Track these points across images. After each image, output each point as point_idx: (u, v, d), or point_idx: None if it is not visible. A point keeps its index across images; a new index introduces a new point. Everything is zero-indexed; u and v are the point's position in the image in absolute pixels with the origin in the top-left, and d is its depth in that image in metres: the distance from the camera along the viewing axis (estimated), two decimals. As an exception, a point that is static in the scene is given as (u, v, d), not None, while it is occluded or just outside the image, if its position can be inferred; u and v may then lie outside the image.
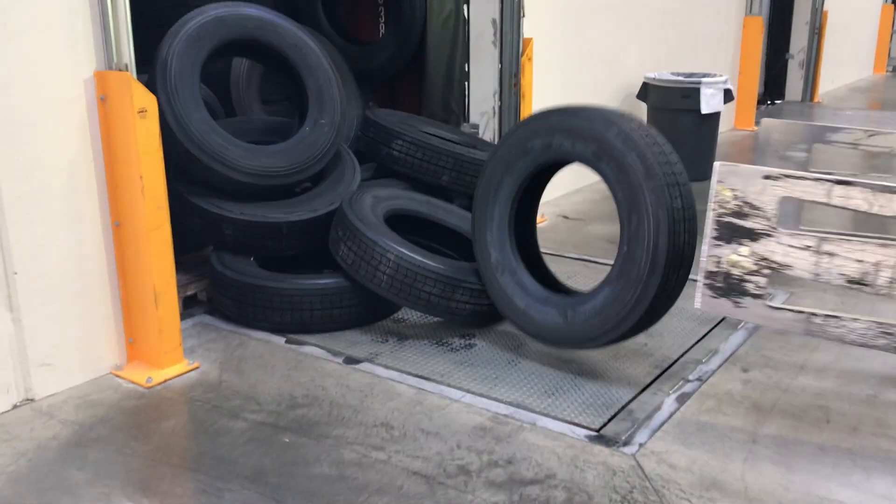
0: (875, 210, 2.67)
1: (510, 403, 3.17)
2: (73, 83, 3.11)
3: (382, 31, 5.81)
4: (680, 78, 6.65)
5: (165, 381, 3.34)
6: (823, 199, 2.74)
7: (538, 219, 5.55)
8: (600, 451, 2.85)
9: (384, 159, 4.62)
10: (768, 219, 2.79)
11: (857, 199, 2.68)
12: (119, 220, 3.31)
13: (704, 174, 6.74)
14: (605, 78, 6.60)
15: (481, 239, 3.62)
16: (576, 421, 3.04)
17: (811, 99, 11.21)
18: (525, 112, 5.37)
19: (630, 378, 3.35)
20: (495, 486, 2.65)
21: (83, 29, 3.11)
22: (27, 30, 2.96)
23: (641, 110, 6.97)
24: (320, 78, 4.20)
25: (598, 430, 2.98)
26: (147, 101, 3.16)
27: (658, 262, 3.07)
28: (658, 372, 3.41)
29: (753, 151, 3.79)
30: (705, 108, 6.51)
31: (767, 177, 2.78)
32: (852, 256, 2.71)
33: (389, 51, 5.45)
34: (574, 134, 3.27)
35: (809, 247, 2.76)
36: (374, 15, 5.82)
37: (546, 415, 3.08)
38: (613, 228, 5.43)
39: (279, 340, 3.72)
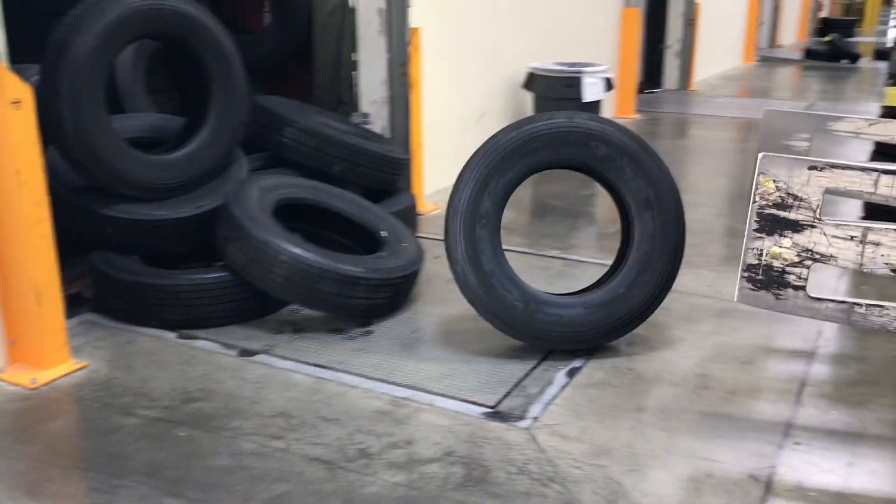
0: None
1: (408, 386, 3.22)
2: (-62, 73, 2.96)
3: (267, 20, 5.72)
4: (563, 68, 6.85)
5: (52, 381, 3.23)
6: (870, 189, 2.73)
7: (432, 207, 5.64)
8: (496, 426, 2.94)
9: (274, 147, 4.57)
10: (812, 210, 2.76)
11: None
12: (-5, 217, 3.16)
13: (589, 160, 6.99)
14: (491, 68, 6.73)
15: (481, 186, 3.44)
16: (472, 399, 3.12)
17: (687, 87, 11.73)
18: (415, 102, 5.42)
19: (523, 356, 3.46)
20: (395, 466, 2.70)
21: (-52, 16, 2.96)
22: None
23: (527, 100, 7.15)
24: (230, 86, 4.06)
25: (493, 407, 3.07)
26: (21, 91, 3.03)
27: (650, 310, 3.45)
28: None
29: (756, 141, 3.91)
30: (587, 97, 6.74)
31: (812, 167, 2.74)
32: None
33: (275, 40, 5.39)
34: (642, 171, 3.38)
35: (854, 237, 2.75)
36: (258, 3, 5.73)
37: (444, 395, 3.15)
38: (506, 214, 5.55)
39: (170, 336, 3.65)
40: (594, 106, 6.86)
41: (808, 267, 2.80)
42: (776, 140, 3.90)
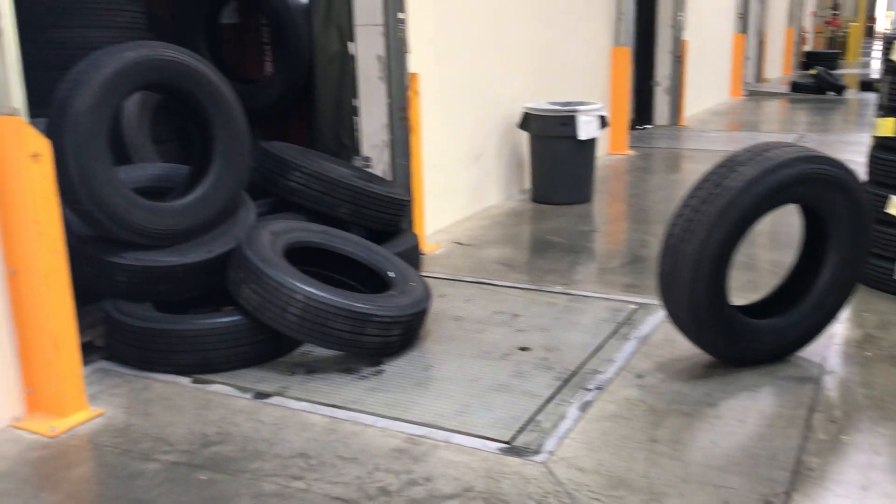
0: None
1: (423, 424, 3.26)
2: (-41, 130, 3.04)
3: (269, 69, 5.85)
4: (557, 107, 6.97)
5: (70, 428, 3.26)
6: None
7: (434, 246, 5.71)
8: (513, 461, 2.98)
9: (281, 191, 4.66)
10: None
11: None
12: (14, 268, 3.22)
13: (585, 197, 7.10)
14: (488, 109, 6.85)
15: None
16: (487, 435, 3.16)
17: (678, 123, 11.92)
18: (415, 145, 5.53)
19: (535, 391, 3.51)
20: (416, 503, 2.73)
21: (-31, 74, 3.05)
22: None
23: (523, 139, 7.27)
24: (232, 133, 4.15)
25: (509, 442, 3.11)
26: (40, 144, 3.11)
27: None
28: (560, 383, 3.58)
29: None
30: (582, 135, 6.85)
31: None
32: None
33: (277, 89, 5.50)
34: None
35: None
36: (260, 53, 5.87)
37: (459, 432, 3.19)
38: (504, 252, 5.65)
39: (185, 381, 3.69)
40: (590, 144, 6.98)
41: None
42: None
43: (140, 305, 3.90)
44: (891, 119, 4.46)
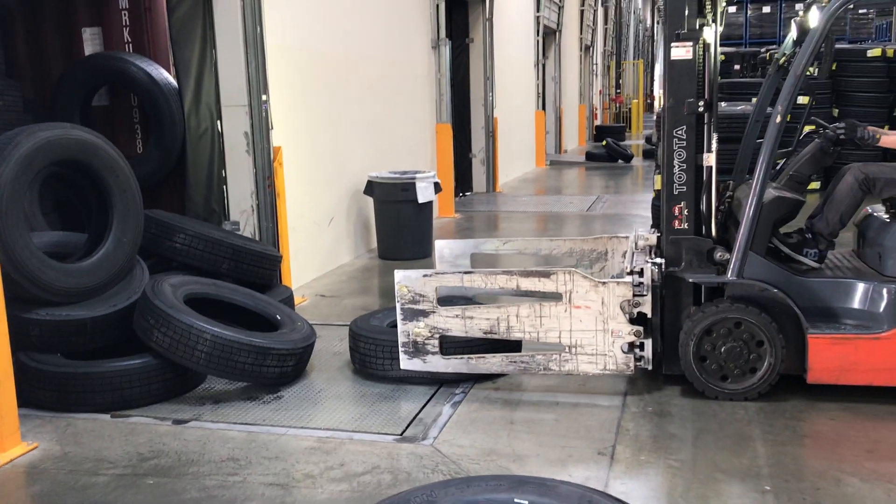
0: (488, 287, 4.27)
1: (328, 428, 3.96)
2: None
3: (140, 146, 6.37)
4: (397, 175, 7.92)
5: (10, 461, 3.66)
6: (460, 284, 4.26)
7: (300, 298, 6.38)
8: (407, 446, 3.74)
9: (166, 251, 5.21)
10: (431, 302, 4.18)
11: (478, 281, 4.23)
12: (-44, 319, 3.63)
13: (426, 253, 8.04)
14: (338, 178, 7.68)
15: None
16: (383, 431, 3.91)
17: (494, 189, 13.27)
18: (281, 209, 6.24)
19: (414, 398, 4.30)
20: (337, 480, 3.43)
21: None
22: None
23: (369, 204, 8.14)
24: (128, 199, 4.74)
25: (401, 434, 3.87)
26: (-16, 210, 3.59)
27: None
28: (433, 390, 4.39)
29: (437, 263, 5.27)
30: (421, 199, 7.83)
31: (426, 275, 4.20)
32: (484, 317, 4.18)
33: (152, 164, 6.04)
34: None
35: (458, 315, 4.19)
36: (132, 132, 6.38)
37: (359, 431, 3.92)
38: (363, 300, 6.44)
39: (105, 417, 4.15)
40: (428, 206, 7.96)
41: (437, 338, 4.21)
42: (447, 262, 5.37)
43: (52, 355, 4.33)
44: (665, 175, 5.73)
